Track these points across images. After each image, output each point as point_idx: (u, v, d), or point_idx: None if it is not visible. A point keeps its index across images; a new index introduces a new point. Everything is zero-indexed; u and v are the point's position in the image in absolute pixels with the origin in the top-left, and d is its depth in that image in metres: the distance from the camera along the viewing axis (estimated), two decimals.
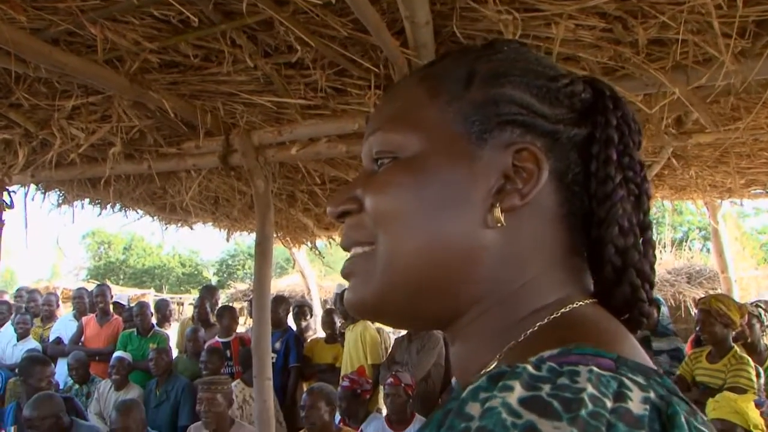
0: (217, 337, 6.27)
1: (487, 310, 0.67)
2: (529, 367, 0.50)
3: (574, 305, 0.65)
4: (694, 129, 3.98)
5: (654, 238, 0.72)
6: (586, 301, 0.66)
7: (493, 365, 0.63)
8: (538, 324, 0.64)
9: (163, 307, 7.72)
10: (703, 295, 9.40)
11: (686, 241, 17.26)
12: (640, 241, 0.69)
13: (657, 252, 0.74)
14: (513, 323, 0.65)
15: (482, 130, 0.67)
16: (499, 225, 0.65)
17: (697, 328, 4.50)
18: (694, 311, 8.83)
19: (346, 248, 0.74)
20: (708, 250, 17.87)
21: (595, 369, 0.49)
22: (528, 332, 0.64)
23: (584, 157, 0.70)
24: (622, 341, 0.60)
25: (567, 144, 0.69)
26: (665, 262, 11.66)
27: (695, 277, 10.98)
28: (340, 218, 0.74)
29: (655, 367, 0.57)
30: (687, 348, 5.27)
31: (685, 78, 2.82)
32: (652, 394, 0.49)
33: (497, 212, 0.65)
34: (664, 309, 5.53)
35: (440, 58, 0.76)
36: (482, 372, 0.62)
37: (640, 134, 0.73)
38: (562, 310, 0.64)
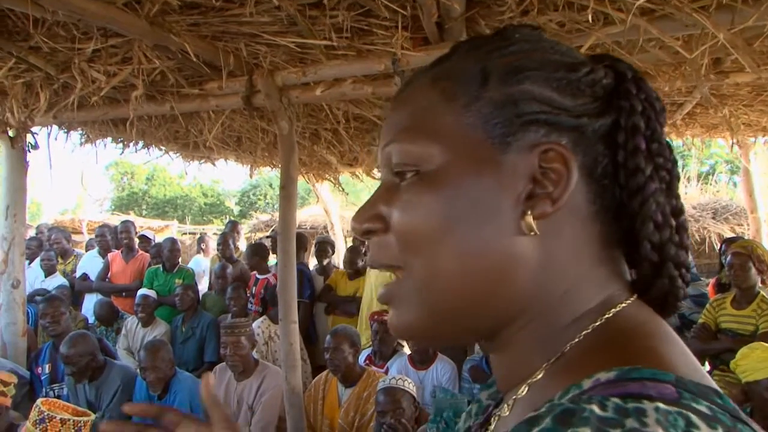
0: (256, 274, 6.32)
1: (531, 319, 0.64)
2: (596, 408, 0.47)
3: (617, 308, 0.63)
4: (732, 69, 3.84)
5: (686, 220, 0.69)
6: (627, 301, 0.64)
7: (540, 376, 0.62)
8: (583, 333, 0.62)
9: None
10: (729, 233, 9.32)
11: (713, 175, 16.97)
12: (675, 229, 0.67)
13: (683, 190, 0.70)
14: (557, 331, 0.63)
15: (504, 133, 0.63)
16: (532, 233, 0.61)
17: (729, 272, 4.40)
18: (718, 247, 8.74)
19: (373, 268, 0.71)
20: (735, 184, 17.62)
21: (661, 406, 0.46)
22: (573, 342, 0.62)
23: (610, 146, 0.66)
24: (670, 345, 0.58)
25: (592, 137, 0.65)
26: (690, 196, 11.52)
27: (721, 212, 10.85)
28: (364, 236, 0.70)
29: (712, 383, 0.55)
30: (709, 292, 5.21)
31: (730, 18, 2.68)
32: (720, 430, 0.46)
33: (529, 220, 0.61)
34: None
35: (449, 53, 0.71)
36: (528, 382, 0.63)
37: (665, 113, 0.69)
38: (606, 315, 0.62)
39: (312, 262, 7.44)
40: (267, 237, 8.05)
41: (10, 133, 4.44)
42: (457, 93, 0.65)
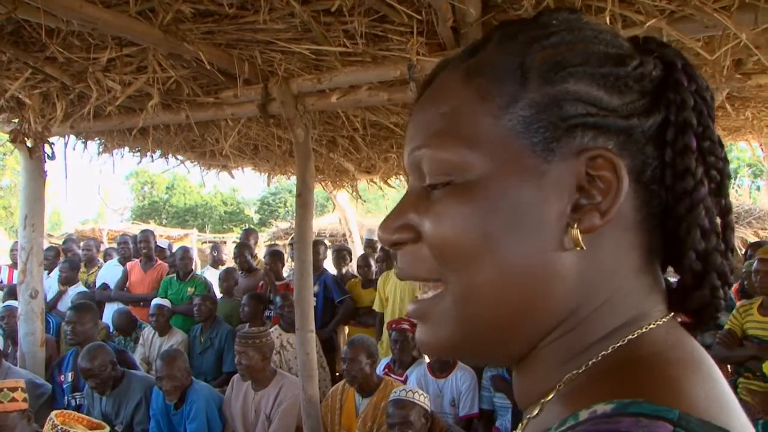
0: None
1: (560, 336, 0.60)
2: None
3: (643, 329, 0.58)
4: (754, 70, 3.76)
5: (733, 219, 0.64)
6: (659, 320, 0.59)
7: (552, 396, 0.58)
8: (601, 354, 0.57)
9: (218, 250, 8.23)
10: (752, 238, 9.17)
11: (735, 179, 16.76)
12: (721, 231, 0.61)
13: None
14: (582, 350, 0.59)
15: (548, 138, 0.57)
16: (578, 249, 0.56)
17: (755, 278, 4.30)
18: (741, 251, 8.61)
19: (403, 279, 0.65)
20: (758, 188, 17.39)
21: None
22: (590, 362, 0.57)
23: (659, 145, 0.60)
24: (694, 375, 0.52)
25: (641, 138, 0.59)
26: None
27: (744, 216, 10.69)
28: (393, 247, 0.64)
29: (734, 421, 0.50)
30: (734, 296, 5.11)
31: (753, 18, 2.62)
32: None
33: (575, 234, 0.56)
34: None
35: (482, 42, 0.64)
36: (542, 401, 0.59)
37: (714, 102, 0.63)
38: (630, 336, 0.57)
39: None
40: (289, 244, 8.05)
41: (28, 143, 4.46)
42: (494, 92, 0.59)
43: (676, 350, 0.56)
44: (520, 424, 0.63)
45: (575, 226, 0.57)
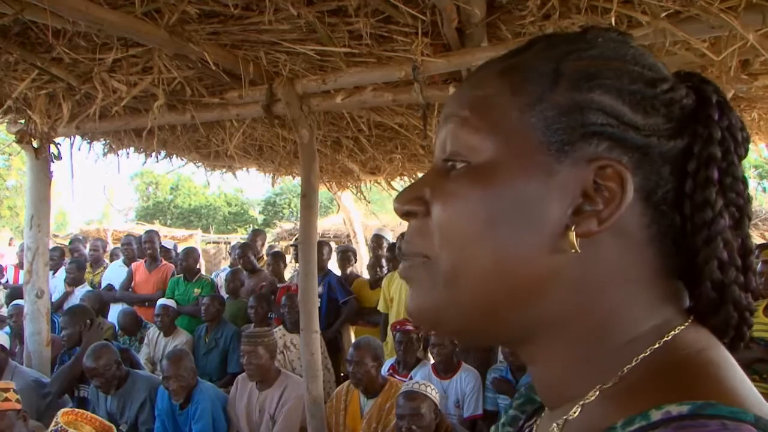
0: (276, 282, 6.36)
1: (566, 336, 0.62)
2: None
3: (675, 331, 0.59)
4: (761, 71, 3.75)
5: (753, 261, 0.63)
6: (684, 324, 0.60)
7: (593, 397, 0.59)
8: (641, 356, 0.58)
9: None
10: (759, 239, 9.15)
11: None
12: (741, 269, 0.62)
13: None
14: (607, 352, 0.60)
15: (564, 140, 0.59)
16: (572, 251, 0.58)
17: (759, 279, 4.28)
18: None
19: (406, 254, 0.67)
20: (764, 189, 17.34)
21: None
22: (631, 366, 0.58)
23: (678, 172, 0.61)
24: (737, 375, 0.55)
25: (658, 159, 0.60)
26: None
27: None
28: (404, 217, 0.68)
29: None
30: None
31: (761, 19, 2.62)
32: None
33: (572, 236, 0.58)
34: None
35: (528, 45, 0.67)
36: (581, 403, 0.60)
37: (747, 144, 0.64)
38: (665, 338, 0.59)
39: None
40: (291, 245, 8.05)
41: (34, 143, 4.47)
42: (524, 89, 0.62)
43: (712, 350, 0.58)
44: (555, 425, 0.63)
45: (573, 228, 0.58)
